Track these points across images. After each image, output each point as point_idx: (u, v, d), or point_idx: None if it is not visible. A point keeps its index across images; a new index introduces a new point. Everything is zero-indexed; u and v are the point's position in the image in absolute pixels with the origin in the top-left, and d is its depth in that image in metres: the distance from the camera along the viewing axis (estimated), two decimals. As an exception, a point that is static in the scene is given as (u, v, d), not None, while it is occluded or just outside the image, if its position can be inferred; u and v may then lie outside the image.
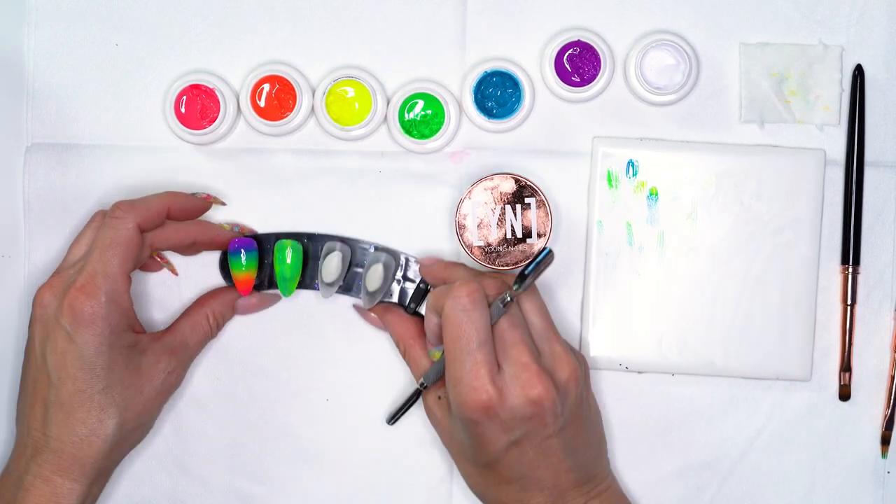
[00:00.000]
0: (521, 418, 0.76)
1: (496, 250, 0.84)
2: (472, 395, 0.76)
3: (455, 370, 0.77)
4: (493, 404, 0.76)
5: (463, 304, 0.77)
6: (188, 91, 0.87)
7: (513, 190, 0.84)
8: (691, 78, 0.87)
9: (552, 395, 0.76)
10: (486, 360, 0.76)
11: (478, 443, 0.78)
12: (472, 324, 0.76)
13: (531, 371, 0.76)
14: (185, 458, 0.89)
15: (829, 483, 0.89)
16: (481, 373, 0.76)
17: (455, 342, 0.77)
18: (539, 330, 0.80)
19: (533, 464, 0.78)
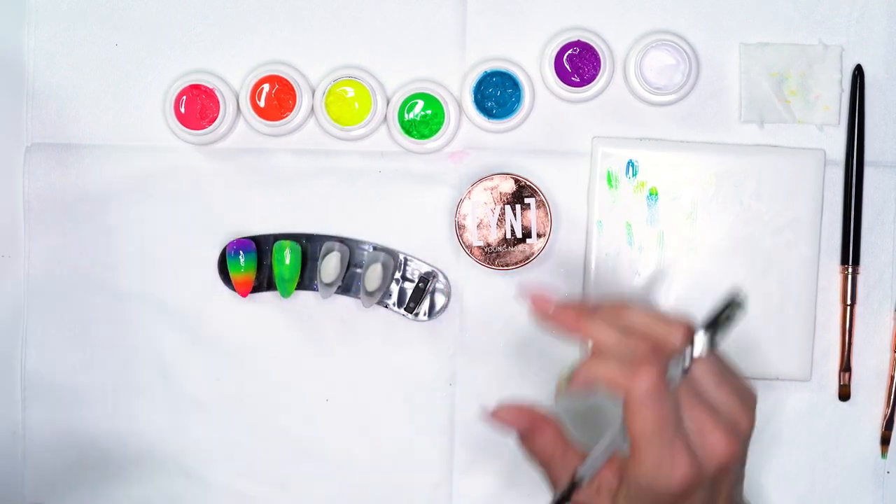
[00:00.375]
0: (712, 478, 0.70)
1: (496, 250, 0.84)
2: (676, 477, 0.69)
3: (653, 457, 0.68)
4: (695, 478, 0.69)
5: (651, 392, 0.67)
6: (188, 91, 0.87)
7: (512, 190, 0.84)
8: (691, 78, 0.87)
9: (737, 451, 0.70)
10: (682, 439, 0.69)
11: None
12: (666, 410, 0.68)
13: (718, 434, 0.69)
14: (185, 458, 0.89)
15: (829, 483, 0.89)
16: (682, 454, 0.68)
17: (647, 435, 0.68)
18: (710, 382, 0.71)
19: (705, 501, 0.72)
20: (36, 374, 0.89)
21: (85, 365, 0.89)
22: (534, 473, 0.90)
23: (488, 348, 0.89)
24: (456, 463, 0.89)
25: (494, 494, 0.89)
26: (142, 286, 0.89)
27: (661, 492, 0.70)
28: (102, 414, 0.89)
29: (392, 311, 0.88)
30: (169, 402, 0.89)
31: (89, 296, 0.89)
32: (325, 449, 0.89)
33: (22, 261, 0.89)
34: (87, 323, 0.89)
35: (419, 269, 0.88)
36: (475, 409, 0.89)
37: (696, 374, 0.70)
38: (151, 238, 0.88)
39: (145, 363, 0.89)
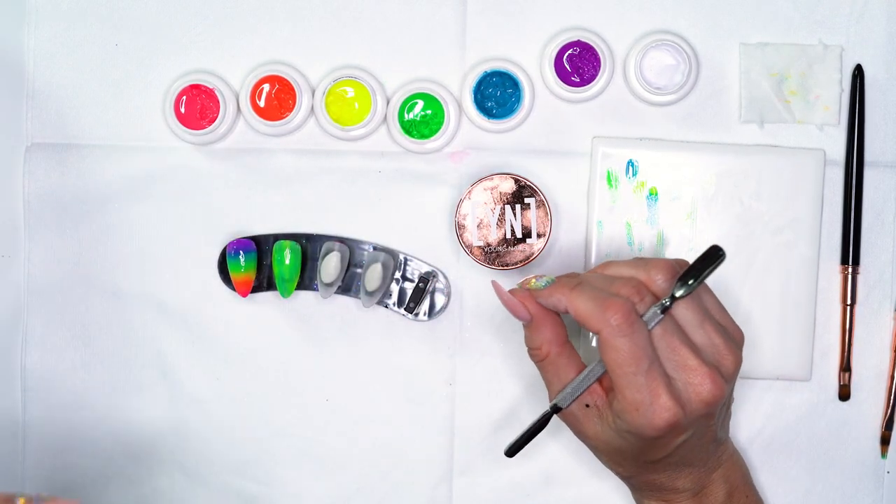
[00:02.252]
0: (696, 420, 0.74)
1: (496, 250, 0.84)
2: (658, 415, 0.72)
3: (633, 395, 0.72)
4: (678, 419, 0.72)
5: (621, 328, 0.72)
6: (188, 91, 0.87)
7: (512, 190, 0.84)
8: (691, 78, 0.87)
9: (723, 391, 0.73)
10: (660, 376, 0.72)
11: (651, 448, 0.75)
12: (638, 347, 0.72)
13: (703, 374, 0.73)
14: (185, 458, 0.89)
15: (829, 483, 0.89)
16: (661, 393, 0.72)
17: (623, 367, 0.72)
18: (695, 325, 0.74)
19: (693, 450, 0.76)
20: (36, 374, 0.89)
21: (85, 365, 0.89)
22: (533, 473, 0.90)
23: (488, 348, 0.89)
24: (456, 463, 0.89)
25: (494, 494, 0.89)
26: (142, 286, 0.89)
27: (644, 433, 0.73)
28: (102, 414, 0.89)
29: (392, 311, 0.88)
30: (169, 401, 0.89)
31: (89, 296, 0.89)
32: (325, 449, 0.89)
33: (22, 261, 0.89)
34: (87, 323, 0.89)
35: (419, 269, 0.88)
36: (475, 409, 0.89)
37: (679, 316, 0.74)
38: (151, 238, 0.88)
39: (145, 363, 0.89)
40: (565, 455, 0.89)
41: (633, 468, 0.78)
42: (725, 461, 0.79)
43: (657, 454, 0.75)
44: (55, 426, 0.89)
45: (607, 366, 0.73)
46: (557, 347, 0.77)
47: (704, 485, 0.78)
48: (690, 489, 0.78)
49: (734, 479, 0.79)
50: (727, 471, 0.79)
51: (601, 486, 0.89)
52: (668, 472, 0.77)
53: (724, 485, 0.79)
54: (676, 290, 0.73)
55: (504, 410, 0.89)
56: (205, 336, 0.89)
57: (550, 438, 0.88)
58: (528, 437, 0.77)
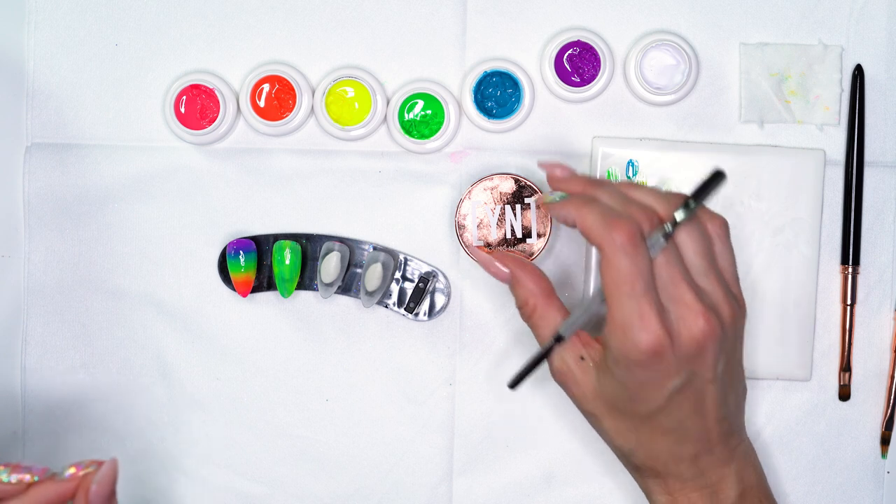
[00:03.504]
0: (687, 360, 0.73)
1: (496, 250, 0.84)
2: (644, 338, 0.72)
3: (622, 315, 0.72)
4: (664, 347, 0.72)
5: (624, 246, 0.72)
6: (188, 91, 0.87)
7: (512, 190, 0.84)
8: (691, 78, 0.87)
9: (717, 334, 0.73)
10: (653, 301, 0.72)
11: (641, 391, 0.74)
12: (636, 266, 0.72)
13: (697, 311, 0.73)
14: (185, 458, 0.89)
15: (829, 483, 0.89)
16: (651, 316, 0.72)
17: (619, 287, 0.72)
18: (698, 267, 0.75)
19: (690, 413, 0.75)
20: (36, 374, 0.89)
21: (85, 365, 0.89)
22: (533, 473, 0.90)
23: (488, 348, 0.89)
24: (456, 463, 0.89)
25: (494, 494, 0.89)
26: (142, 286, 0.89)
27: (631, 356, 0.73)
28: (102, 414, 0.89)
29: (392, 311, 0.88)
30: (169, 401, 0.89)
31: (89, 296, 0.89)
32: (325, 449, 0.89)
33: (22, 261, 0.89)
34: (87, 323, 0.89)
35: (419, 269, 0.88)
36: (475, 409, 0.89)
37: (687, 256, 0.74)
38: (151, 238, 0.88)
39: (145, 363, 0.89)
40: (565, 455, 0.89)
41: (630, 431, 0.76)
42: (739, 457, 0.77)
43: (650, 399, 0.74)
44: (55, 426, 0.89)
45: (604, 284, 0.73)
46: (543, 299, 0.78)
47: (712, 478, 0.77)
48: (695, 479, 0.76)
49: (748, 478, 0.78)
50: (740, 468, 0.77)
51: (602, 486, 0.89)
52: (668, 443, 0.76)
53: (737, 484, 0.77)
54: (678, 214, 0.74)
55: (504, 410, 0.89)
56: (205, 336, 0.89)
57: (550, 438, 0.88)
58: (529, 368, 0.78)
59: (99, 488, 0.72)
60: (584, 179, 0.77)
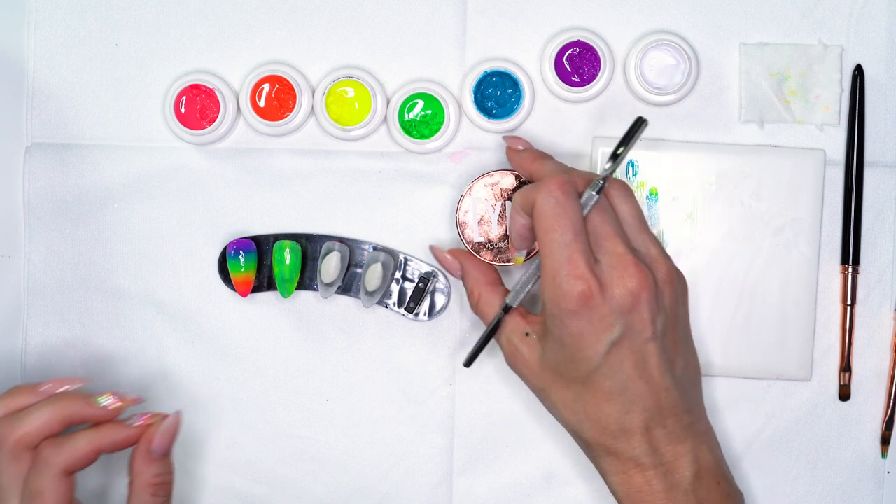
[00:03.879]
0: (619, 311, 0.74)
1: (497, 246, 0.84)
2: (572, 284, 0.74)
3: (552, 263, 0.74)
4: (593, 293, 0.74)
5: (555, 195, 0.75)
6: (188, 91, 0.87)
7: (513, 186, 0.84)
8: (691, 78, 0.87)
9: (651, 286, 0.75)
10: (582, 249, 0.74)
11: (578, 348, 0.75)
12: (566, 214, 0.74)
13: (628, 261, 0.75)
14: (185, 458, 0.89)
15: (829, 483, 0.89)
16: (579, 262, 0.74)
17: (549, 234, 0.75)
18: (632, 227, 0.78)
19: (633, 374, 0.75)
20: (36, 374, 0.89)
21: (85, 365, 0.89)
22: (533, 473, 0.90)
23: (488, 348, 0.89)
24: (456, 463, 0.89)
25: (494, 494, 0.89)
26: (142, 286, 0.89)
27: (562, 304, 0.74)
28: (102, 414, 0.89)
29: (392, 311, 0.88)
30: (169, 401, 0.89)
31: (89, 296, 0.89)
32: (325, 449, 0.89)
33: (22, 261, 0.89)
34: (87, 323, 0.89)
35: (419, 269, 0.88)
36: (475, 409, 0.89)
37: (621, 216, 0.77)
38: (151, 238, 0.88)
39: (145, 363, 0.89)
40: (565, 455, 0.89)
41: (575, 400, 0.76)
42: (693, 435, 0.77)
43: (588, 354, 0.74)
44: (55, 426, 0.89)
45: (537, 236, 0.76)
46: (488, 287, 0.82)
47: (666, 456, 0.76)
48: (648, 455, 0.76)
49: (704, 459, 0.77)
50: (696, 447, 0.77)
51: (601, 486, 0.88)
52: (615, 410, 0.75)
53: (692, 464, 0.76)
54: (606, 165, 0.78)
55: (504, 410, 0.89)
56: (205, 336, 0.89)
57: (550, 438, 0.88)
58: (482, 344, 0.81)
59: (161, 439, 0.79)
60: (535, 151, 0.83)
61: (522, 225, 0.79)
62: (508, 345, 0.80)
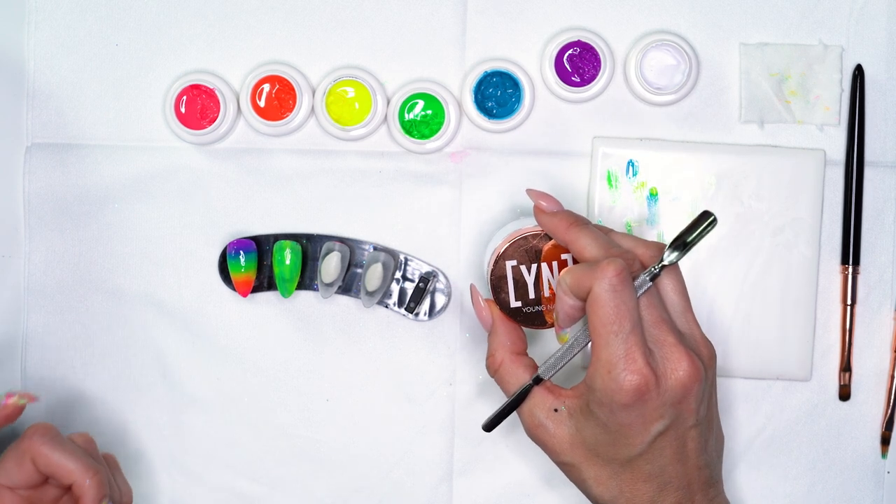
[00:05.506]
0: (671, 402, 0.73)
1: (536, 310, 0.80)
2: (629, 379, 0.71)
3: (608, 355, 0.72)
4: (650, 387, 0.71)
5: (613, 284, 0.71)
6: (188, 91, 0.87)
7: (547, 246, 0.79)
8: (691, 78, 0.87)
9: (701, 377, 0.73)
10: (639, 342, 0.72)
11: (624, 434, 0.73)
12: (625, 305, 0.71)
13: (681, 353, 0.72)
14: (185, 458, 0.89)
15: (829, 483, 0.89)
16: (637, 357, 0.71)
17: (606, 326, 0.72)
18: (678, 310, 0.75)
19: (673, 458, 0.74)
20: (36, 374, 0.89)
21: (85, 365, 0.89)
22: (533, 473, 0.90)
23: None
24: (456, 463, 0.89)
25: (494, 494, 0.89)
26: (142, 286, 0.89)
27: (617, 397, 0.72)
28: (102, 414, 0.89)
29: (392, 311, 0.88)
30: (169, 401, 0.89)
31: (89, 296, 0.89)
32: (325, 449, 0.89)
33: (22, 261, 0.89)
34: (87, 323, 0.89)
35: (419, 269, 0.88)
36: (475, 409, 0.89)
37: (666, 297, 0.74)
38: (151, 238, 0.88)
39: (145, 363, 0.89)
40: (565, 455, 0.89)
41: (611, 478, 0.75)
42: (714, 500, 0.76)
43: (633, 442, 0.73)
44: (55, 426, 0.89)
45: (591, 323, 0.72)
46: (514, 355, 0.78)
47: None
48: None
49: None
50: None
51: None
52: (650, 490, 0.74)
53: None
54: (667, 255, 0.74)
55: (504, 410, 0.89)
56: (205, 336, 0.89)
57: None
58: (505, 412, 0.77)
59: None
60: (570, 215, 0.77)
61: (571, 307, 0.75)
62: (532, 418, 0.76)
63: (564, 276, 0.74)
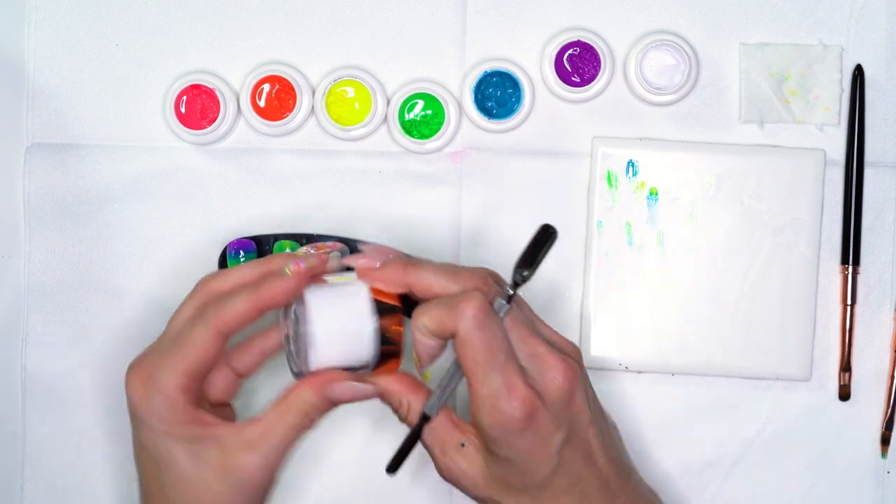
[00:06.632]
0: (561, 410, 0.72)
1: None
2: (514, 407, 0.71)
3: (488, 390, 0.71)
4: (536, 406, 0.71)
5: (479, 321, 0.70)
6: (188, 91, 0.87)
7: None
8: (691, 78, 0.87)
9: (577, 373, 0.73)
10: (515, 368, 0.71)
11: (529, 460, 0.73)
12: (495, 338, 0.71)
13: (553, 358, 0.72)
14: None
15: (829, 483, 0.89)
16: (517, 384, 0.71)
17: (480, 364, 0.71)
18: (533, 319, 0.75)
19: (584, 463, 0.74)
20: (36, 374, 0.89)
21: (85, 365, 0.89)
22: (534, 473, 0.89)
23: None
24: (456, 463, 0.89)
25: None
26: (142, 286, 0.89)
27: (507, 427, 0.71)
28: (102, 414, 0.89)
29: (392, 311, 0.88)
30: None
31: (89, 296, 0.89)
32: (325, 449, 0.89)
33: (22, 261, 0.89)
34: (87, 323, 0.89)
35: (419, 269, 0.88)
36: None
37: (521, 315, 0.74)
38: (151, 238, 0.88)
39: (145, 363, 0.89)
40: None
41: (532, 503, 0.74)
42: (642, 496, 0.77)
43: (541, 464, 0.72)
44: (55, 426, 0.89)
45: (462, 364, 0.72)
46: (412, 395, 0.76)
47: None
48: None
49: None
50: None
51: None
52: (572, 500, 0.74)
53: None
54: (518, 275, 0.72)
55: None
56: (205, 336, 0.89)
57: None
58: (403, 453, 0.76)
59: None
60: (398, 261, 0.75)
61: (433, 347, 0.73)
62: (443, 456, 0.75)
63: (421, 318, 0.73)
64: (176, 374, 0.73)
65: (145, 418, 0.73)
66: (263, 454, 0.74)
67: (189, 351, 0.73)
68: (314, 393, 0.74)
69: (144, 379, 0.73)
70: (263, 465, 0.74)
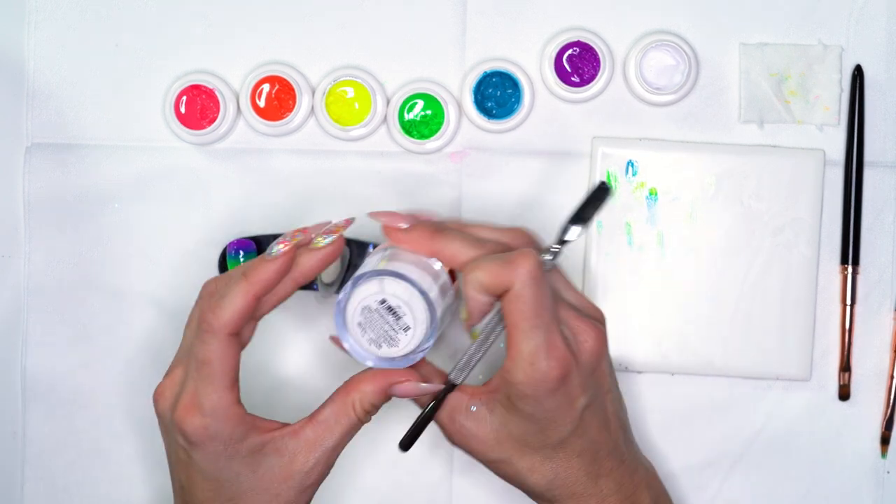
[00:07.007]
0: (589, 374, 0.73)
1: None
2: (553, 365, 0.71)
3: (530, 346, 0.71)
4: (571, 368, 0.72)
5: (534, 277, 0.70)
6: (188, 91, 0.87)
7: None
8: (691, 78, 0.87)
9: (605, 338, 0.74)
10: (557, 328, 0.72)
11: (553, 420, 0.73)
12: (545, 297, 0.71)
13: (585, 323, 0.73)
14: (185, 458, 0.89)
15: (829, 483, 0.89)
16: (558, 342, 0.71)
17: (528, 320, 0.71)
18: (564, 283, 0.76)
19: (599, 428, 0.75)
20: (36, 374, 0.89)
21: (85, 365, 0.89)
22: (534, 473, 0.89)
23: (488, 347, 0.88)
24: (456, 463, 0.89)
25: (494, 494, 0.89)
26: (142, 286, 0.89)
27: (542, 385, 0.72)
28: (102, 414, 0.89)
29: (392, 311, 0.88)
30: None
31: (89, 296, 0.89)
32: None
33: (22, 261, 0.89)
34: (87, 323, 0.89)
35: (419, 269, 0.88)
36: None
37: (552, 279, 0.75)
38: (151, 238, 0.88)
39: (145, 363, 0.89)
40: (565, 455, 0.89)
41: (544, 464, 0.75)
42: (642, 463, 0.78)
43: (563, 424, 0.73)
44: (55, 426, 0.89)
45: (510, 320, 0.71)
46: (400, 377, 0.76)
47: (628, 490, 0.76)
48: (614, 493, 0.75)
49: (657, 486, 0.79)
50: (648, 476, 0.78)
51: (601, 486, 0.89)
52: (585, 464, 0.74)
53: (649, 491, 0.77)
54: (570, 234, 0.74)
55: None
56: (205, 336, 0.89)
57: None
58: (422, 424, 0.76)
59: None
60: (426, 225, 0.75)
61: (484, 303, 0.73)
62: (452, 423, 0.76)
63: (476, 274, 0.72)
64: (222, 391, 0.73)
65: (207, 446, 0.73)
66: (324, 454, 0.75)
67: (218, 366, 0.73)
68: (377, 393, 0.75)
69: (194, 411, 0.73)
70: (325, 463, 0.75)
